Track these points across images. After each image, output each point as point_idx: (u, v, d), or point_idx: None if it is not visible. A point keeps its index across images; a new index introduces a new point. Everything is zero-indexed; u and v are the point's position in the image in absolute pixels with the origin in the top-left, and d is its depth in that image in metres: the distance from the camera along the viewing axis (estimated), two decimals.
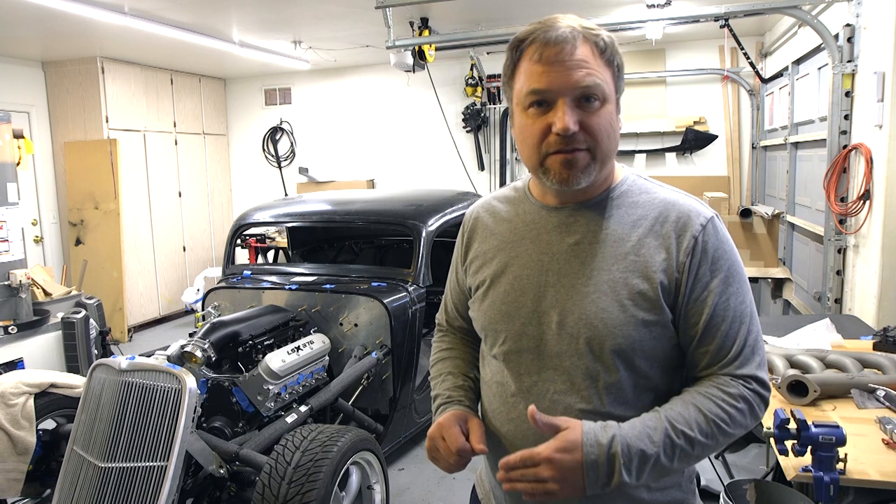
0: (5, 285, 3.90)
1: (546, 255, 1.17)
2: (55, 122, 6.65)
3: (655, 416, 1.07)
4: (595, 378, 1.11)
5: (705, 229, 1.11)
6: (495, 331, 1.20)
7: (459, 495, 3.34)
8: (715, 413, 1.07)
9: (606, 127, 1.09)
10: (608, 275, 1.11)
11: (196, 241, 7.68)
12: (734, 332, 1.10)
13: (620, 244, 1.12)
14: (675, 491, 1.19)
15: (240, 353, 3.02)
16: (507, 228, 1.25)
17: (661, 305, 1.09)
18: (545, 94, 1.07)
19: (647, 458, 1.02)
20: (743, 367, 1.10)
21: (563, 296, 1.13)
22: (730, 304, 1.11)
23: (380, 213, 3.95)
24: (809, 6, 3.96)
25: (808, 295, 4.64)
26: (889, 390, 2.08)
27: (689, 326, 1.12)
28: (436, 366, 1.40)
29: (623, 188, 1.18)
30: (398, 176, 7.71)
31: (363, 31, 5.78)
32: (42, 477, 2.90)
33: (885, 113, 3.24)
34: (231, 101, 8.32)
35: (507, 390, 1.20)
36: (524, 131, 1.11)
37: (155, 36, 5.41)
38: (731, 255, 1.13)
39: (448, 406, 1.26)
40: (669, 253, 1.10)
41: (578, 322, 1.11)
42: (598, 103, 1.08)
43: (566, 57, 1.05)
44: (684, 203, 1.15)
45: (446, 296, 1.45)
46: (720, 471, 3.08)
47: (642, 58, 6.60)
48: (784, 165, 5.31)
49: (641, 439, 1.03)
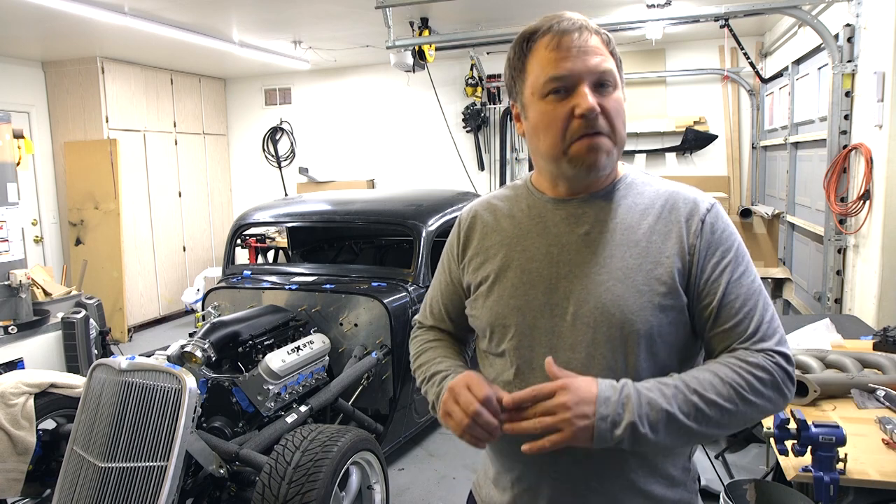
0: (5, 285, 3.90)
1: (555, 247, 1.17)
2: (55, 122, 6.65)
3: (668, 378, 1.06)
4: (613, 368, 1.09)
5: (710, 212, 1.14)
6: (503, 326, 1.18)
7: (459, 495, 3.34)
8: (731, 378, 1.04)
9: (621, 112, 1.12)
10: (622, 262, 1.12)
11: (196, 241, 7.68)
12: (750, 310, 1.10)
13: (631, 232, 1.14)
14: (682, 490, 1.19)
15: (240, 353, 3.02)
16: (509, 224, 1.24)
17: (677, 289, 1.10)
18: (566, 80, 1.09)
19: (660, 410, 1.00)
20: (763, 342, 1.08)
21: (577, 286, 1.13)
22: (742, 282, 1.11)
23: (380, 213, 3.95)
24: (809, 6, 3.96)
25: (808, 295, 4.64)
26: (889, 390, 2.08)
27: (703, 307, 1.11)
28: (424, 354, 1.33)
29: (628, 180, 1.20)
30: (398, 176, 7.71)
31: (363, 31, 5.78)
32: (42, 477, 2.90)
33: (885, 113, 3.25)
34: (231, 101, 8.32)
35: (514, 388, 1.14)
36: (545, 119, 1.12)
37: (155, 36, 5.41)
38: (736, 236, 1.16)
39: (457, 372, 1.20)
40: (680, 237, 1.12)
41: (595, 311, 1.10)
42: (612, 89, 1.11)
43: (583, 43, 1.09)
44: (687, 191, 1.19)
45: (432, 297, 1.39)
46: (720, 471, 3.08)
47: (642, 58, 6.60)
48: (784, 165, 5.31)
49: (652, 391, 1.02)
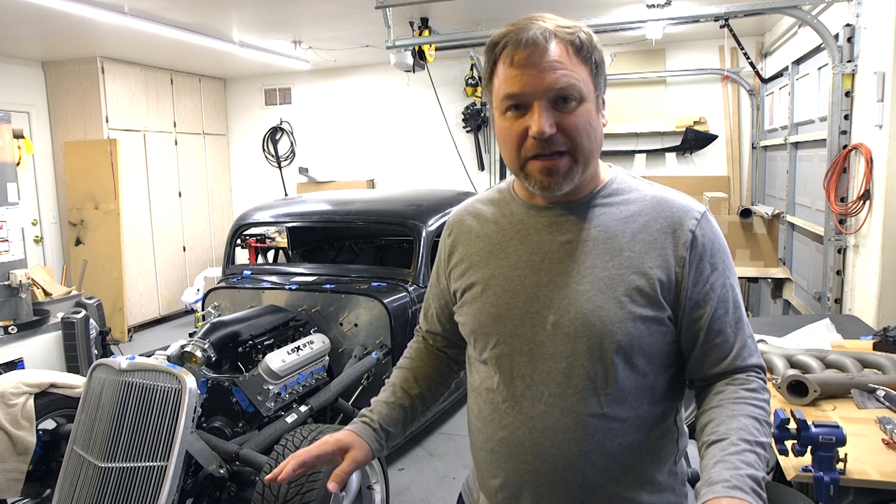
0: (5, 285, 3.90)
1: (537, 255, 1.14)
2: (55, 122, 6.65)
3: (730, 441, 1.03)
4: (593, 379, 1.08)
5: (700, 223, 1.11)
6: (486, 334, 1.17)
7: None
8: (758, 414, 1.08)
9: (585, 126, 1.06)
10: (604, 272, 1.09)
11: (196, 241, 7.68)
12: (736, 325, 1.12)
13: (614, 241, 1.11)
14: (669, 495, 1.17)
15: (240, 353, 3.02)
16: (493, 230, 1.21)
17: (660, 301, 1.08)
18: (520, 98, 1.05)
19: (761, 479, 0.99)
20: (750, 357, 1.13)
21: (557, 295, 1.10)
22: (728, 296, 1.11)
23: (380, 213, 3.95)
24: (809, 6, 3.95)
25: (808, 295, 4.64)
26: (889, 390, 2.08)
27: (693, 321, 1.11)
28: (393, 373, 1.38)
29: (613, 187, 1.17)
30: (398, 176, 7.71)
31: (363, 31, 5.78)
32: (42, 477, 2.90)
33: (885, 113, 3.24)
34: (231, 101, 8.31)
35: (498, 396, 1.15)
36: (503, 134, 1.10)
37: (155, 36, 5.41)
38: (724, 248, 1.14)
39: (357, 421, 1.26)
40: (665, 248, 1.09)
41: (575, 321, 1.08)
42: (575, 103, 1.05)
43: (538, 59, 1.03)
44: (676, 199, 1.15)
45: (427, 302, 1.40)
46: None
47: (642, 58, 6.60)
48: (784, 165, 5.31)
49: (751, 465, 0.99)
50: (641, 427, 1.11)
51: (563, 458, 1.09)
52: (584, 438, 1.08)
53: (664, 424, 1.15)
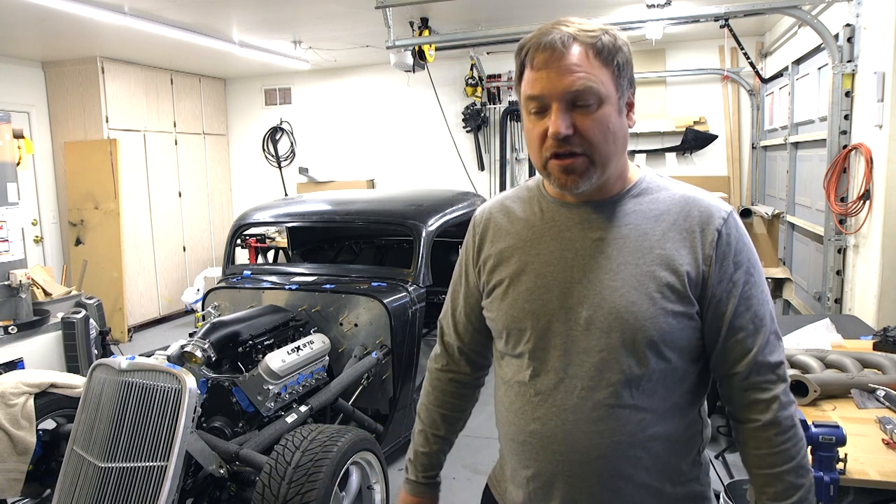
0: (5, 285, 3.90)
1: (569, 252, 1.17)
2: (55, 122, 6.65)
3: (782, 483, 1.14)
4: (625, 372, 1.12)
5: (727, 223, 1.15)
6: (519, 329, 1.20)
7: (459, 496, 3.34)
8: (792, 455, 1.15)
9: (603, 129, 1.10)
10: (635, 269, 1.13)
11: (196, 241, 7.68)
12: (761, 321, 1.15)
13: (645, 238, 1.14)
14: (695, 484, 1.21)
15: (240, 353, 3.02)
16: (523, 227, 1.24)
17: (689, 296, 1.12)
18: (540, 100, 1.10)
19: None
20: (770, 354, 1.15)
21: (590, 291, 1.14)
22: (752, 293, 1.14)
23: (380, 213, 3.94)
24: (809, 6, 3.96)
25: (808, 295, 4.64)
26: (889, 390, 2.08)
27: (717, 317, 1.14)
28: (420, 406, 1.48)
29: (642, 186, 1.20)
30: (398, 176, 7.71)
31: (363, 31, 5.78)
32: (42, 477, 2.90)
33: (885, 113, 3.25)
34: (231, 101, 8.32)
35: (530, 389, 1.19)
36: (528, 134, 1.16)
37: (155, 36, 5.41)
38: (749, 247, 1.17)
39: (406, 480, 1.52)
40: (694, 246, 1.13)
41: (609, 316, 1.12)
42: (594, 106, 1.09)
43: (556, 62, 1.08)
44: (704, 199, 1.19)
45: (454, 307, 1.39)
46: (720, 471, 3.08)
47: (642, 58, 6.60)
48: (784, 165, 5.31)
49: None
50: (671, 418, 1.16)
51: (595, 448, 1.13)
52: (616, 429, 1.12)
53: (691, 415, 1.20)
